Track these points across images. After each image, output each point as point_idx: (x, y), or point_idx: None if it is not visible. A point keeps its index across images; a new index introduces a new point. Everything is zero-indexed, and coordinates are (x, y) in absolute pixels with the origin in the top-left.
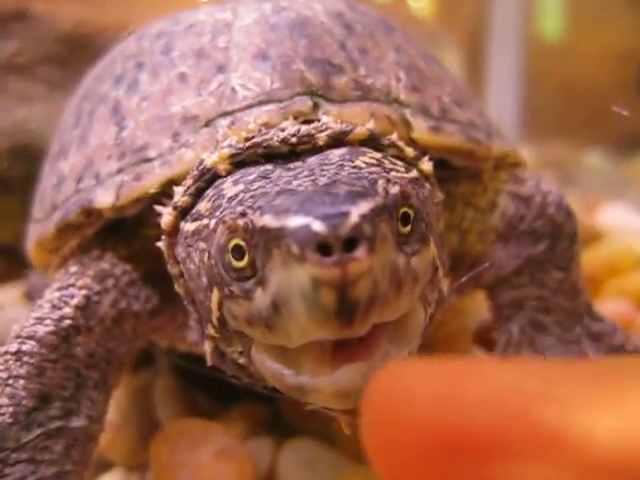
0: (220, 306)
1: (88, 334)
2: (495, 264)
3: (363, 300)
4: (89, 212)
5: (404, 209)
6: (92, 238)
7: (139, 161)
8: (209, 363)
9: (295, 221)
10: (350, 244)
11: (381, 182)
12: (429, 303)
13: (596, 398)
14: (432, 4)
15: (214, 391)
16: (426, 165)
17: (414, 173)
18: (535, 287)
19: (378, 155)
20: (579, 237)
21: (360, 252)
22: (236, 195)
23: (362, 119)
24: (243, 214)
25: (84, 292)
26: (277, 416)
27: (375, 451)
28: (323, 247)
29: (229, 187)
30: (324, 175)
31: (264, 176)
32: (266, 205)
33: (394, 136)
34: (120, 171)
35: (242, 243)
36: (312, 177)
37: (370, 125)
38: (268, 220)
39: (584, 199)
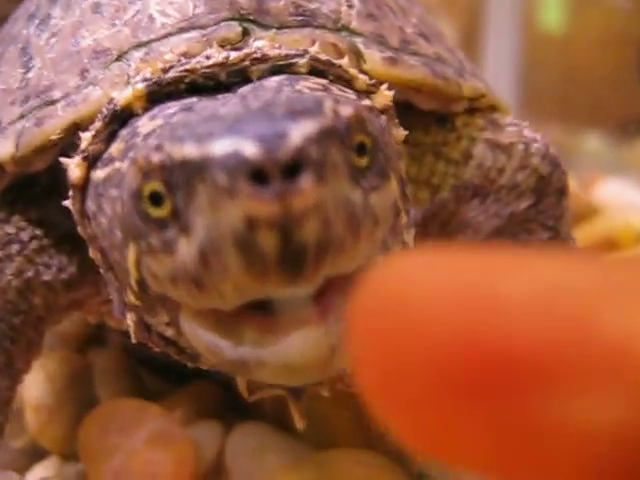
0: (138, 264)
1: None
2: (472, 224)
3: (312, 244)
4: None
5: (360, 137)
6: None
7: (42, 104)
8: (133, 340)
9: (221, 145)
10: (292, 172)
11: (329, 102)
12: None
13: None
14: None
15: (164, 370)
16: (383, 96)
17: (367, 102)
18: None
19: (324, 81)
20: (568, 190)
21: (305, 181)
22: (153, 131)
23: (302, 47)
24: (158, 147)
25: None
26: (232, 397)
27: (369, 383)
28: (258, 176)
29: (145, 124)
30: (258, 99)
31: (187, 108)
32: (186, 134)
33: (344, 61)
34: (22, 117)
35: (160, 187)
36: (243, 102)
37: (314, 48)
38: (189, 150)
39: (581, 176)
